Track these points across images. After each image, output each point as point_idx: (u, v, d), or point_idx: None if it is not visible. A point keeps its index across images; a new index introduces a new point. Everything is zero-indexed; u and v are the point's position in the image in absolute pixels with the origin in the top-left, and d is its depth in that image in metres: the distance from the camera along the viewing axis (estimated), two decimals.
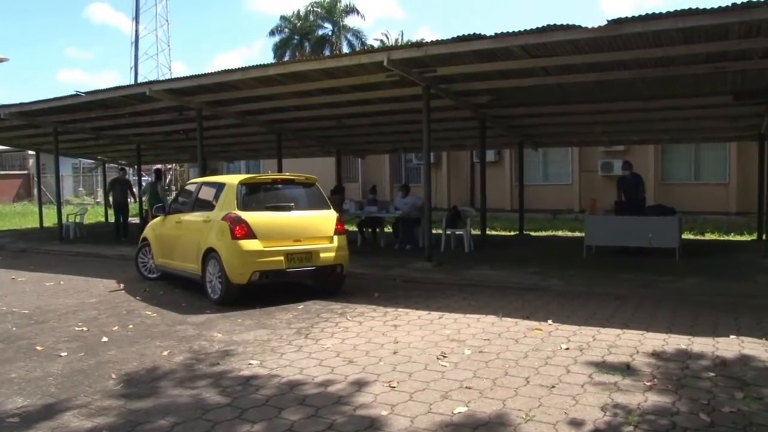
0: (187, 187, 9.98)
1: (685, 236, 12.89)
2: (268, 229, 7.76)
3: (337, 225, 8.25)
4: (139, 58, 48.93)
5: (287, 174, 8.75)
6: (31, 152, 20.41)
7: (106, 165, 24.82)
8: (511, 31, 7.99)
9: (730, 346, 5.30)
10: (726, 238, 15.10)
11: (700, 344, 5.37)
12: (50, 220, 20.40)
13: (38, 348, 5.69)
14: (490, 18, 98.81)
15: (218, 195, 8.27)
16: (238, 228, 7.58)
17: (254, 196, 8.10)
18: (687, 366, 4.77)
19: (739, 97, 10.62)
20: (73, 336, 6.14)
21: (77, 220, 17.99)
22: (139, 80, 37.68)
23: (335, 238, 8.15)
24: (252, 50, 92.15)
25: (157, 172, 17.39)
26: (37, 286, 9.42)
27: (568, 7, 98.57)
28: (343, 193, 15.91)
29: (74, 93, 12.72)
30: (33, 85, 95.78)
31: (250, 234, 7.60)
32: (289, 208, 8.09)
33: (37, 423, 3.85)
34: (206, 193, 8.80)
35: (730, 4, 6.72)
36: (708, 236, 15.42)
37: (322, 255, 7.96)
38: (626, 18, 7.28)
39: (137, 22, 49.31)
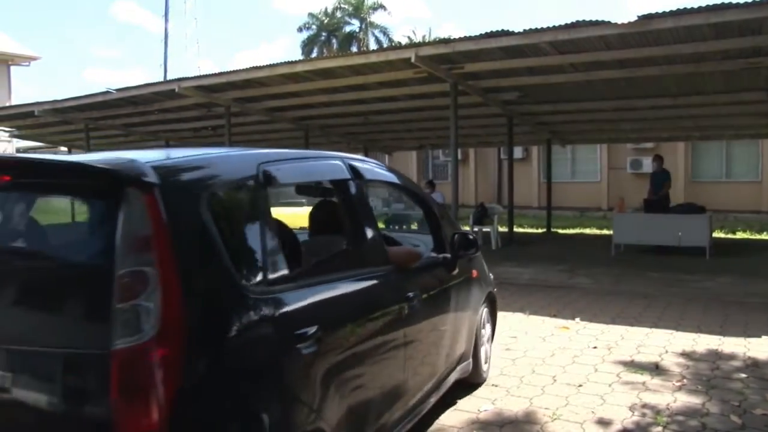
0: None
1: (715, 235, 12.69)
2: None
3: None
4: (168, 56, 49.43)
5: None
6: (63, 148, 20.77)
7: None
8: (539, 27, 7.91)
9: (761, 347, 5.22)
10: (758, 237, 14.82)
11: (731, 344, 5.30)
12: (82, 216, 20.74)
13: None
14: (516, 15, 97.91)
15: None
16: None
17: None
18: (717, 366, 4.72)
19: None
20: None
21: None
22: (168, 77, 38.12)
23: None
24: (275, 47, 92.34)
25: None
26: None
27: (592, 2, 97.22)
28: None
29: (105, 90, 12.85)
30: (60, 82, 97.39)
31: None
32: (301, 204, 8.24)
33: None
34: None
35: None
36: (739, 235, 15.15)
37: None
38: (656, 13, 7.18)
39: (167, 20, 49.81)
